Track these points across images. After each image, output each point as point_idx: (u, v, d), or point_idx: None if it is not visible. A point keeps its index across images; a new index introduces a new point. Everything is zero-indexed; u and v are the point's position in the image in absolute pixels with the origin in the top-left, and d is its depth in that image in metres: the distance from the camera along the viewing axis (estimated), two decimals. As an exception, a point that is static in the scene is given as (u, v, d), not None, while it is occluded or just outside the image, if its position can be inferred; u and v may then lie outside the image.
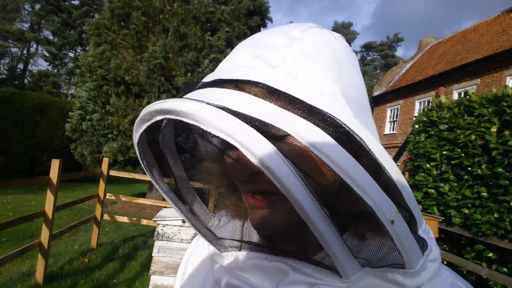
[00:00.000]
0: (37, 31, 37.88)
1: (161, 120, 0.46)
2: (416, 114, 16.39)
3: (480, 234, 4.12)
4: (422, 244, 0.44)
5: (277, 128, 0.38)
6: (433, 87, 16.31)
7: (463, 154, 4.52)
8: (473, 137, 4.38)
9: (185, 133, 0.55)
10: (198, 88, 0.46)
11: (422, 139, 5.31)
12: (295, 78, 0.42)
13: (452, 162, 4.65)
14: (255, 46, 0.48)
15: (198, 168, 0.58)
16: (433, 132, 5.14)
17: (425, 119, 5.42)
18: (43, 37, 37.52)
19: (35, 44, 39.07)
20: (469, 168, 4.40)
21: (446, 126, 4.91)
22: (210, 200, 0.62)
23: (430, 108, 5.55)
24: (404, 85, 18.64)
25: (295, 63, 0.44)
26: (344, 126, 0.39)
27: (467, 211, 4.32)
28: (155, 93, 8.96)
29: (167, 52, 8.87)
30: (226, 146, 0.47)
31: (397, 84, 19.98)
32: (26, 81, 39.11)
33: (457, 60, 15.56)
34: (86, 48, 9.91)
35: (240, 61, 0.47)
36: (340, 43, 0.51)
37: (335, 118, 0.39)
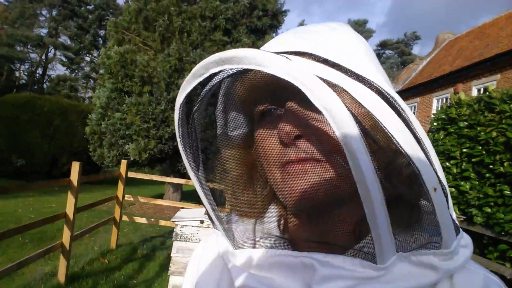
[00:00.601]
0: (55, 36, 38.75)
1: (198, 92, 0.48)
2: (434, 111, 16.12)
3: (503, 233, 4.02)
4: (456, 226, 0.43)
5: (338, 86, 0.39)
6: (451, 83, 15.99)
7: (484, 152, 4.42)
8: (494, 134, 4.28)
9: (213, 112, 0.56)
10: None
11: (441, 137, 5.21)
12: (341, 54, 0.45)
13: (473, 160, 4.54)
14: (302, 32, 0.51)
15: (223, 156, 0.58)
16: (453, 130, 5.03)
17: (444, 116, 5.31)
18: (60, 42, 38.35)
19: (52, 49, 39.95)
20: (490, 166, 4.30)
21: (466, 123, 4.80)
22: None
23: (449, 105, 5.44)
24: (421, 82, 18.34)
25: (338, 45, 0.48)
26: (389, 96, 0.41)
27: (489, 210, 4.22)
28: (163, 90, 9.07)
29: (180, 54, 8.97)
30: (276, 100, 0.49)
31: (413, 82, 19.67)
32: (45, 85, 40.05)
33: (475, 56, 15.22)
34: (106, 46, 9.95)
35: (293, 40, 0.49)
36: (365, 41, 0.56)
37: (382, 90, 0.41)
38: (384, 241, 0.39)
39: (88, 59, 40.18)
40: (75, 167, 4.41)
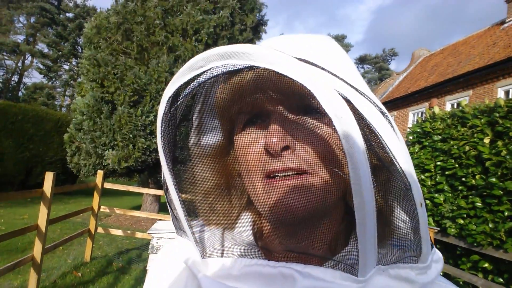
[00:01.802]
0: (32, 44, 37.98)
1: (178, 95, 0.45)
2: (410, 125, 16.52)
3: (475, 244, 4.13)
4: (430, 242, 0.45)
5: (344, 96, 0.38)
6: (426, 98, 16.48)
7: (457, 165, 4.55)
8: (466, 148, 4.42)
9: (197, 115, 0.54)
10: None
11: (416, 150, 5.35)
12: (340, 69, 0.45)
13: (446, 172, 4.67)
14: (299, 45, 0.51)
15: (200, 163, 0.56)
16: (427, 143, 5.18)
17: (419, 130, 5.46)
18: (37, 49, 37.60)
19: (30, 57, 39.10)
20: (463, 179, 4.43)
21: (440, 137, 4.95)
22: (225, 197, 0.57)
23: (423, 119, 5.60)
24: (397, 97, 18.83)
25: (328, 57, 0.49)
26: (385, 115, 0.42)
27: (462, 221, 4.34)
28: (148, 102, 9.02)
29: (171, 68, 8.99)
30: (263, 106, 0.47)
31: (390, 96, 20.16)
32: (20, 93, 39.04)
33: (449, 72, 15.76)
34: (85, 51, 9.72)
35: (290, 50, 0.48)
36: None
37: (378, 106, 0.42)
38: (369, 253, 0.39)
39: (66, 67, 39.47)
40: (49, 177, 4.29)
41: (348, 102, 0.38)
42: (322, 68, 0.42)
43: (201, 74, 0.42)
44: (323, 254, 0.48)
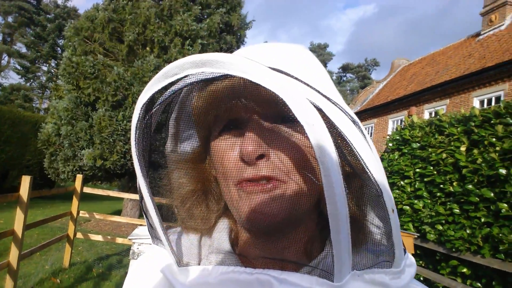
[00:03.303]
0: (9, 44, 36.99)
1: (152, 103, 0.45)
2: (389, 132, 16.86)
3: (454, 250, 4.24)
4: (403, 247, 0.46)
5: (317, 106, 0.39)
6: (405, 106, 16.85)
7: (435, 172, 4.68)
8: (444, 155, 4.55)
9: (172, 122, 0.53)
10: None
11: (396, 157, 5.47)
12: (313, 79, 0.47)
13: (425, 179, 4.80)
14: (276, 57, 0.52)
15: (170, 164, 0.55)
16: (406, 150, 5.31)
17: (398, 137, 5.59)
18: (15, 49, 36.63)
19: (6, 57, 38.04)
20: (441, 186, 4.55)
21: (419, 144, 5.08)
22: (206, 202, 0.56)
23: (403, 127, 5.74)
24: (377, 105, 19.18)
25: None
26: (356, 124, 0.43)
27: (440, 227, 4.45)
28: (130, 105, 8.92)
29: (156, 68, 8.92)
30: (220, 126, 0.49)
31: (370, 103, 20.53)
32: (-4, 94, 37.86)
33: (427, 81, 16.18)
34: (64, 54, 9.52)
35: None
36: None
37: (350, 115, 0.43)
38: (344, 259, 0.40)
39: (45, 68, 38.56)
40: (25, 181, 4.19)
41: (319, 110, 0.38)
42: (295, 78, 0.42)
43: (176, 81, 0.42)
44: (298, 260, 0.49)
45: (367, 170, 0.40)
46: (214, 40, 10.26)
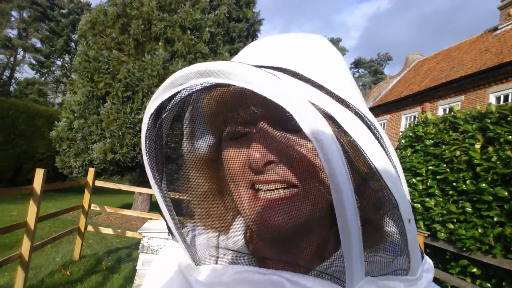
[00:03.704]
0: (25, 38, 37.57)
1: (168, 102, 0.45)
2: (402, 129, 16.65)
3: (464, 249, 4.16)
4: (421, 252, 0.45)
5: (327, 112, 0.37)
6: (419, 102, 16.60)
7: (448, 170, 4.59)
8: (458, 152, 4.45)
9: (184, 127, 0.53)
10: None
11: (409, 154, 5.38)
12: (325, 75, 0.45)
13: (438, 177, 4.71)
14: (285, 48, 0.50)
15: (186, 166, 0.55)
16: (419, 147, 5.21)
17: (411, 134, 5.49)
18: (30, 44, 37.19)
19: (22, 52, 38.67)
20: (454, 184, 4.46)
21: (432, 141, 4.98)
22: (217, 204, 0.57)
23: (416, 123, 5.64)
24: (390, 100, 18.94)
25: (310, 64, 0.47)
26: (373, 127, 0.41)
27: (451, 226, 4.37)
28: (139, 99, 8.99)
29: (165, 62, 8.96)
30: (246, 119, 0.46)
31: (383, 99, 20.28)
32: (11, 88, 38.57)
33: (442, 77, 15.90)
34: (79, 48, 9.67)
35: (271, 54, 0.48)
36: (332, 47, 0.54)
37: (365, 119, 0.40)
38: (355, 267, 0.39)
39: (59, 63, 39.09)
40: (39, 174, 4.24)
41: (331, 118, 0.37)
42: (306, 80, 0.41)
43: (181, 91, 0.42)
44: (310, 263, 0.48)
45: (382, 181, 0.38)
46: (222, 30, 10.23)
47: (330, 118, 0.37)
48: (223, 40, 10.45)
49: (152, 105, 0.45)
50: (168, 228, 0.54)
